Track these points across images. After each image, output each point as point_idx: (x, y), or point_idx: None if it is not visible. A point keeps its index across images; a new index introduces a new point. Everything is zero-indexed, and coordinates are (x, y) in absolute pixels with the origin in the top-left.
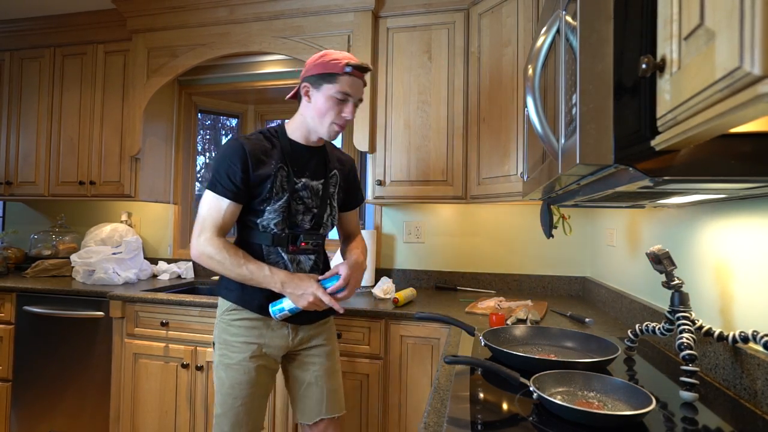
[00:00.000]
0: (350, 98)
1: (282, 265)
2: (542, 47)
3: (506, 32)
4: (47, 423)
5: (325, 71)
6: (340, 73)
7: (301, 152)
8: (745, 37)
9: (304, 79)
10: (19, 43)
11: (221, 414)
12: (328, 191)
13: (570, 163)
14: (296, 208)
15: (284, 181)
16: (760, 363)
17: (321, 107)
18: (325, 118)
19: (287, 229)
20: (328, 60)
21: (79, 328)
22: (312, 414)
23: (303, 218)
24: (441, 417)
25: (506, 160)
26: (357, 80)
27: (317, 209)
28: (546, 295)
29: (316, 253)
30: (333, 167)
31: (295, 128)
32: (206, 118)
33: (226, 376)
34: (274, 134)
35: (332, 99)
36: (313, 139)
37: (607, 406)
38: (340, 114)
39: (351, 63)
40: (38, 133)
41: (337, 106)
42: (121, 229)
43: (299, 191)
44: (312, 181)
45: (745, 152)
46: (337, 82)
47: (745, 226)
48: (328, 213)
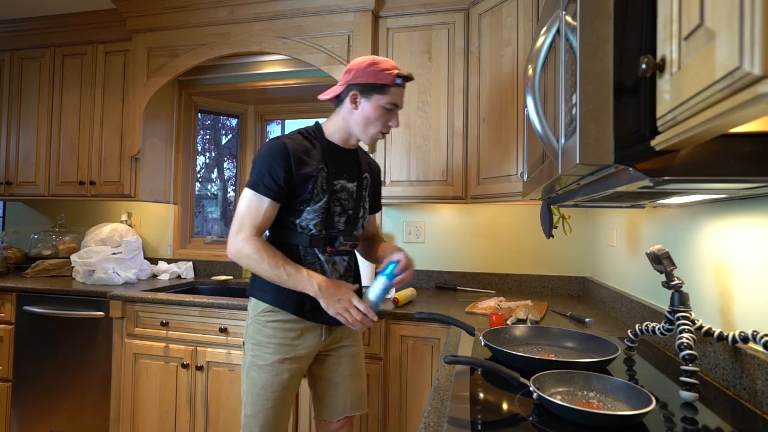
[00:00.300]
0: (397, 108)
1: (318, 266)
2: (542, 47)
3: (506, 32)
4: (47, 423)
5: (376, 81)
6: (390, 84)
7: (339, 154)
8: (745, 37)
9: (352, 86)
10: (19, 43)
11: (251, 415)
12: (361, 193)
13: (570, 163)
14: (334, 209)
15: (324, 182)
16: (760, 363)
17: (369, 116)
18: (372, 126)
19: (324, 230)
20: (379, 70)
21: (79, 328)
22: (336, 412)
23: (339, 219)
24: (441, 417)
25: (506, 160)
26: (402, 90)
27: (352, 210)
28: (546, 295)
29: (350, 254)
30: (364, 170)
31: (334, 130)
32: (206, 118)
33: (258, 378)
34: (313, 135)
35: (381, 109)
36: (351, 143)
37: (607, 406)
38: (387, 123)
39: (401, 74)
40: (38, 133)
41: (384, 115)
42: (121, 229)
43: (337, 192)
44: (348, 182)
45: (745, 152)
46: (388, 93)
47: (745, 226)
48: (361, 215)
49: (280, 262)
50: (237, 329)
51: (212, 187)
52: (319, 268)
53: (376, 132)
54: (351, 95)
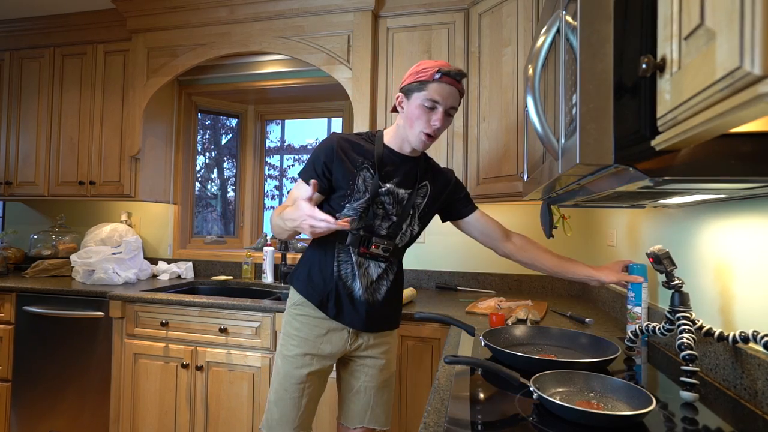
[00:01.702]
0: (439, 105)
1: (349, 265)
2: (542, 47)
3: (506, 32)
4: (47, 423)
5: (416, 80)
6: (429, 81)
7: (393, 158)
8: (746, 37)
9: (400, 90)
10: (19, 43)
11: (273, 401)
12: (413, 201)
13: (570, 163)
14: (376, 211)
15: (368, 182)
16: (760, 363)
17: (411, 115)
18: (415, 126)
19: (362, 230)
20: (421, 69)
21: (79, 328)
22: (354, 420)
23: (381, 224)
24: (441, 417)
25: (506, 160)
26: (447, 87)
27: (397, 217)
28: (546, 295)
29: (388, 262)
30: (424, 178)
31: (391, 137)
32: (206, 118)
33: (282, 367)
34: (372, 137)
35: (421, 107)
36: (406, 149)
37: (607, 406)
38: (429, 122)
39: (441, 69)
40: (38, 133)
41: (426, 114)
42: (121, 229)
43: (381, 196)
44: (398, 188)
45: (745, 152)
46: (426, 89)
47: (745, 226)
48: (408, 223)
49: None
50: (237, 329)
51: (212, 187)
52: (349, 268)
53: (419, 132)
54: (397, 99)
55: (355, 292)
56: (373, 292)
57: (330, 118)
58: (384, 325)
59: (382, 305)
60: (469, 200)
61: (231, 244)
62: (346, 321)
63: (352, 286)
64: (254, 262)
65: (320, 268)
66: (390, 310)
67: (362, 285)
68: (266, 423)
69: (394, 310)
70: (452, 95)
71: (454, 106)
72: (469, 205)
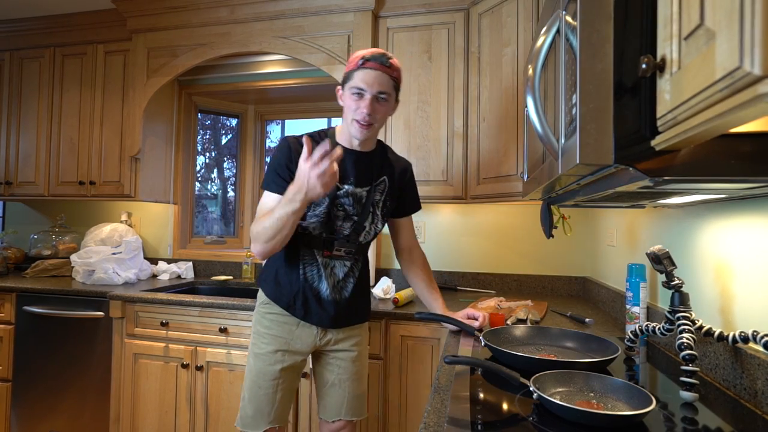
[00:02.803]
0: (365, 92)
1: (315, 267)
2: (542, 47)
3: (506, 32)
4: (47, 423)
5: (346, 71)
6: (355, 69)
7: (348, 158)
8: (745, 37)
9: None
10: (19, 43)
11: (246, 399)
12: (372, 198)
13: (570, 163)
14: (336, 214)
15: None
16: (760, 363)
17: (345, 106)
18: (348, 116)
19: (325, 233)
20: (350, 60)
21: (79, 328)
22: (332, 413)
23: (343, 224)
24: (441, 417)
25: (506, 160)
26: (372, 71)
27: (358, 216)
28: (546, 295)
29: (353, 260)
30: (382, 173)
31: (340, 133)
32: (206, 118)
33: (254, 365)
34: (323, 137)
35: (350, 96)
36: (356, 144)
37: (607, 406)
38: (358, 110)
39: (365, 56)
40: (38, 133)
41: (355, 102)
42: (121, 229)
43: (340, 198)
44: (356, 188)
45: (745, 152)
46: (353, 78)
47: (745, 226)
48: (370, 221)
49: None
50: (237, 329)
51: (212, 187)
52: (315, 270)
53: (352, 121)
54: (338, 92)
55: (323, 292)
56: (340, 291)
57: (330, 118)
58: (353, 320)
59: (349, 302)
60: (417, 201)
61: (231, 244)
62: (315, 321)
63: (319, 287)
64: (254, 262)
65: (286, 271)
66: (357, 305)
67: (329, 285)
68: (240, 421)
69: (361, 305)
70: (378, 80)
71: (383, 90)
72: (415, 205)
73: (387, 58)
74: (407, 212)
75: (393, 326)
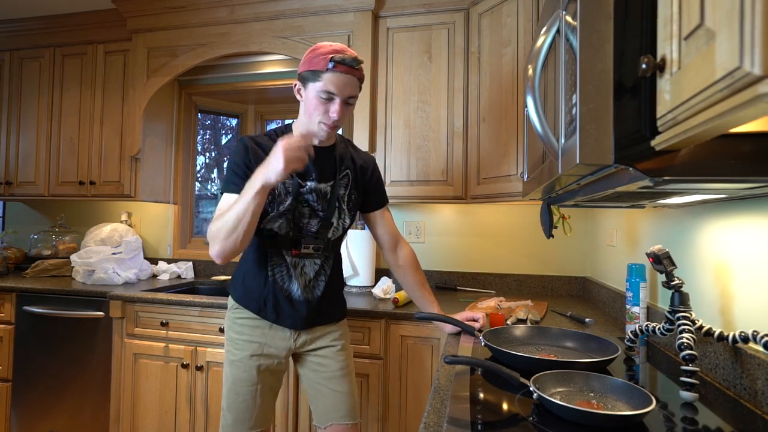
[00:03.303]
0: (335, 96)
1: (284, 268)
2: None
3: (506, 32)
4: (47, 423)
5: (311, 68)
6: (323, 71)
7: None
8: (745, 37)
9: (298, 76)
10: (19, 43)
11: (225, 407)
12: (336, 193)
13: (570, 163)
14: (301, 211)
15: (287, 184)
16: (760, 363)
17: (309, 106)
18: (313, 118)
19: (291, 232)
20: (314, 55)
21: (79, 328)
22: (323, 417)
23: (309, 222)
24: (441, 417)
25: (506, 160)
26: (343, 76)
27: (324, 212)
28: (546, 295)
29: (324, 258)
30: (344, 167)
31: (297, 128)
32: (206, 118)
33: (230, 372)
34: (281, 134)
35: (317, 98)
36: (315, 140)
37: (607, 406)
38: (326, 113)
39: (335, 57)
40: (38, 133)
41: (322, 105)
42: (121, 229)
43: (304, 194)
44: (320, 183)
45: (745, 152)
46: (320, 79)
47: (745, 226)
48: (337, 216)
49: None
50: None
51: (212, 187)
52: (284, 270)
53: (319, 123)
54: (295, 86)
55: (294, 293)
56: (312, 290)
57: None
58: (327, 319)
59: (321, 300)
60: (383, 195)
61: None
62: (288, 324)
63: (290, 288)
64: None
65: (254, 274)
66: (331, 304)
67: (300, 285)
68: (222, 430)
69: (336, 303)
70: (349, 84)
71: (353, 95)
72: (381, 198)
73: (357, 61)
74: (374, 207)
75: (393, 326)
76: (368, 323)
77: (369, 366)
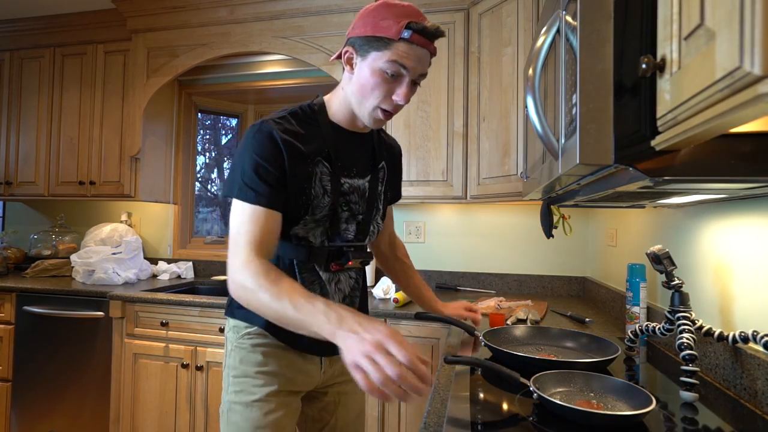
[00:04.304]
0: (406, 74)
1: (317, 286)
2: (542, 47)
3: (506, 32)
4: (47, 423)
5: (376, 33)
6: (394, 39)
7: (347, 142)
8: (745, 37)
9: (349, 40)
10: (19, 43)
11: None
12: (375, 191)
13: (570, 163)
14: (341, 215)
15: (326, 182)
16: (760, 363)
17: (365, 83)
18: (369, 99)
19: (328, 240)
20: (383, 16)
21: (79, 328)
22: None
23: (347, 227)
24: (441, 417)
25: (506, 160)
26: (419, 50)
27: (363, 215)
28: (546, 295)
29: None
30: (381, 158)
31: (337, 108)
32: (206, 118)
33: (244, 419)
34: (312, 116)
35: (380, 74)
36: (359, 124)
37: (607, 406)
38: (389, 96)
39: (414, 24)
40: (38, 133)
41: (385, 84)
42: (121, 229)
43: (346, 195)
44: (360, 179)
45: (745, 152)
46: (390, 49)
47: (745, 226)
48: (374, 216)
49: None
50: None
51: (212, 187)
52: (317, 289)
53: (375, 108)
54: (346, 55)
55: None
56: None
57: None
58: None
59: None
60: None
61: None
62: (323, 351)
63: None
64: None
65: None
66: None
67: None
68: None
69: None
70: (423, 60)
71: (425, 73)
72: (399, 193)
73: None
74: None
75: (393, 326)
76: None
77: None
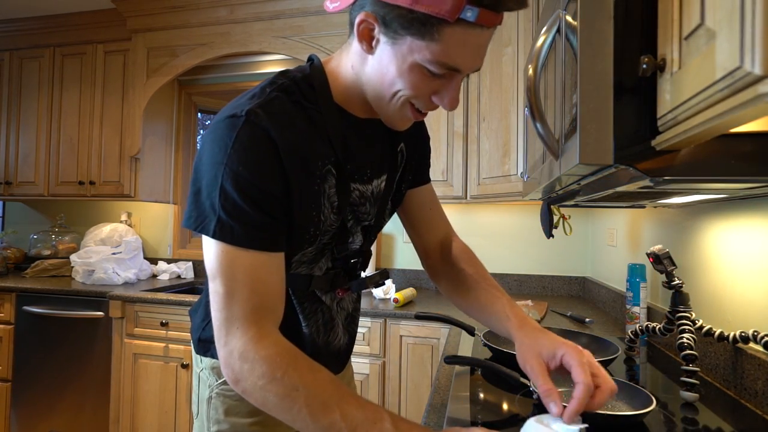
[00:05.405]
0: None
1: (319, 314)
2: (542, 47)
3: (506, 32)
4: (47, 423)
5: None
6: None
7: (359, 132)
8: (746, 37)
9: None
10: (19, 43)
11: None
12: (391, 187)
13: (570, 163)
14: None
15: (334, 196)
16: (760, 363)
17: (391, 78)
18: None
19: (334, 263)
20: None
21: (78, 328)
22: None
23: (353, 239)
24: (441, 417)
25: (506, 160)
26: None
27: (375, 217)
28: (546, 295)
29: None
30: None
31: (344, 88)
32: (206, 118)
33: None
34: (312, 98)
35: (418, 70)
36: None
37: (607, 406)
38: (428, 96)
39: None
40: (38, 133)
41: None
42: (121, 229)
43: (355, 206)
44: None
45: (745, 152)
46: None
47: (745, 226)
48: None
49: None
50: None
51: None
52: (321, 316)
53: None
54: (362, 26)
55: (338, 340)
56: (352, 325)
57: None
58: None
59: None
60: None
61: None
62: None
63: (332, 337)
64: None
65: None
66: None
67: (342, 326)
68: None
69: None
70: (485, 45)
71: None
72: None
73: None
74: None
75: (393, 326)
76: (368, 323)
77: (369, 366)
